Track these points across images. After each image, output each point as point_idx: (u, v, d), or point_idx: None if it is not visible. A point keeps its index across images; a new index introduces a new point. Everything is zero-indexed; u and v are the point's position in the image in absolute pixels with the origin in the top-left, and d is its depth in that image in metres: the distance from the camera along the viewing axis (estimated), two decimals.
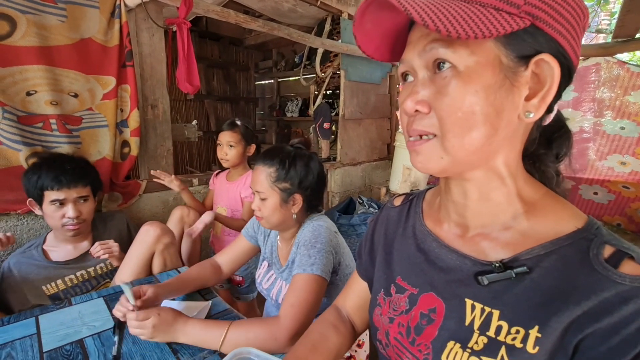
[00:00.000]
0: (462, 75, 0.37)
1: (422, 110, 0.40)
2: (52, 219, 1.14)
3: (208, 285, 1.07)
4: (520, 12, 0.35)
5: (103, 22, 1.37)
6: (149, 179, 1.63)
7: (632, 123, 1.92)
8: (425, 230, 0.52)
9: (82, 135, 1.39)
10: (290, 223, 0.98)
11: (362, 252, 0.66)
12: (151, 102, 1.61)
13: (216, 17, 1.73)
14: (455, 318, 0.44)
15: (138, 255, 1.11)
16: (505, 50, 0.37)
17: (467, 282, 0.44)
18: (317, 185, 0.98)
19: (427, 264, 0.50)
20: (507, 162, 0.42)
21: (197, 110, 4.18)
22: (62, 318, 0.88)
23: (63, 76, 1.31)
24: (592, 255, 0.37)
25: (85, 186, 1.18)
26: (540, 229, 0.41)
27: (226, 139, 1.53)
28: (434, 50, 0.38)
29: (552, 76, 0.37)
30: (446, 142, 0.39)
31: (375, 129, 2.99)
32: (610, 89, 1.98)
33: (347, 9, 2.50)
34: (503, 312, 0.40)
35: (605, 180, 2.05)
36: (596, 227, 0.39)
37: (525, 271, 0.39)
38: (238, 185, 1.59)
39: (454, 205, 0.48)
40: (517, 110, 0.38)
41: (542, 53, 0.36)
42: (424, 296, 0.48)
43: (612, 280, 0.35)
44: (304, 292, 0.83)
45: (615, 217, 2.08)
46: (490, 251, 0.44)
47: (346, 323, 0.68)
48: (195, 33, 3.82)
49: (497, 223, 0.44)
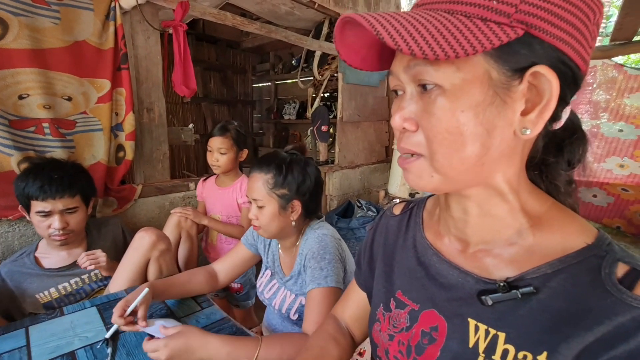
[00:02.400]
0: (448, 94, 0.34)
1: (409, 128, 0.38)
2: (39, 229, 1.11)
3: (202, 292, 1.04)
4: (511, 21, 0.31)
5: (97, 25, 1.35)
6: (145, 184, 1.60)
7: (630, 126, 1.93)
8: (425, 243, 0.50)
9: (75, 139, 1.36)
10: (289, 231, 0.96)
11: (362, 261, 0.64)
12: (147, 105, 1.59)
13: (213, 20, 1.72)
14: (458, 339, 0.41)
15: (133, 262, 1.09)
16: (496, 64, 0.33)
17: (469, 301, 0.41)
18: (315, 190, 0.96)
19: (428, 280, 0.47)
20: (506, 178, 0.39)
21: (194, 113, 4.15)
22: (53, 329, 0.85)
23: (56, 79, 1.28)
24: (604, 275, 0.34)
25: (74, 196, 1.13)
26: (547, 245, 0.38)
27: (217, 145, 1.46)
28: (418, 67, 0.36)
29: (550, 90, 0.33)
30: (434, 162, 0.37)
31: (374, 132, 2.98)
32: (606, 92, 1.99)
33: (345, 11, 2.49)
34: (509, 335, 0.37)
35: (604, 183, 2.05)
36: (607, 243, 0.36)
37: (532, 291, 0.37)
38: (233, 190, 1.56)
39: (453, 221, 0.45)
40: (512, 127, 0.35)
41: (537, 65, 0.32)
42: (425, 313, 0.46)
43: (627, 303, 0.32)
44: (324, 306, 0.83)
45: (614, 220, 2.07)
46: (494, 269, 0.41)
47: (345, 334, 0.66)
48: (192, 36, 3.81)
49: (500, 239, 0.41)
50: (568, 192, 0.44)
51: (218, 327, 0.91)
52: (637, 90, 1.87)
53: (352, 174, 2.82)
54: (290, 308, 0.96)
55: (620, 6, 1.43)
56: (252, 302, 1.67)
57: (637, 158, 1.93)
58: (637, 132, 1.91)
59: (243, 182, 1.56)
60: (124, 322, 0.77)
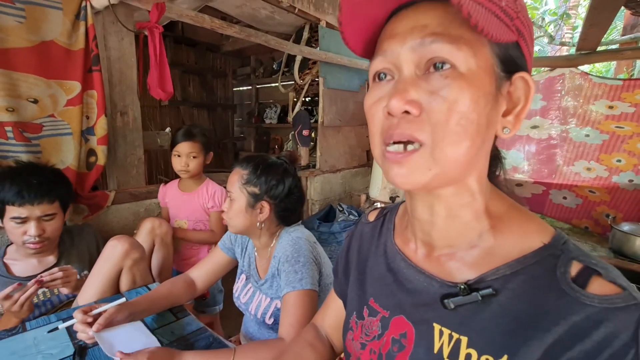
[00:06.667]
0: (465, 77, 0.33)
1: (412, 112, 0.34)
2: (13, 235, 1.05)
3: (180, 302, 1.00)
4: (512, 24, 0.33)
5: (67, 24, 1.29)
6: (118, 190, 1.54)
7: (596, 131, 2.03)
8: (394, 249, 0.50)
9: (42, 143, 1.29)
10: (254, 231, 0.95)
11: (338, 269, 0.63)
12: (120, 108, 1.54)
13: (191, 22, 1.68)
14: (424, 346, 0.41)
15: (104, 272, 1.04)
16: (497, 60, 0.35)
17: (434, 306, 0.41)
18: (288, 199, 0.95)
19: (397, 286, 0.47)
20: (478, 177, 0.40)
21: (173, 117, 4.05)
22: (14, 347, 0.79)
23: (21, 81, 1.22)
24: (559, 274, 0.34)
25: (52, 202, 1.08)
26: (505, 246, 0.39)
27: (186, 150, 1.47)
28: (435, 45, 0.33)
29: (527, 95, 0.36)
30: (438, 151, 0.34)
31: (355, 136, 3.00)
32: (574, 98, 2.09)
33: (325, 17, 2.51)
34: (472, 338, 0.37)
35: (573, 185, 2.14)
36: (563, 242, 0.37)
37: (492, 293, 0.37)
38: (199, 195, 1.54)
39: (419, 223, 0.44)
40: (498, 125, 0.37)
41: (523, 71, 0.36)
42: (394, 320, 0.45)
43: (580, 302, 0.32)
44: (300, 308, 0.82)
45: (583, 221, 2.17)
46: (457, 272, 0.41)
47: (324, 342, 0.65)
48: (170, 38, 3.73)
49: (463, 242, 0.41)
50: None
51: (194, 338, 0.87)
52: (601, 97, 1.97)
53: (333, 178, 2.83)
54: (265, 312, 0.95)
55: (585, 18, 1.51)
56: (220, 307, 1.63)
57: (602, 161, 2.04)
58: (602, 137, 2.01)
59: (209, 186, 1.56)
60: (82, 317, 0.75)
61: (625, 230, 1.72)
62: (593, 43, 1.80)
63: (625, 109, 1.90)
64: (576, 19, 5.82)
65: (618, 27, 5.02)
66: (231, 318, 1.50)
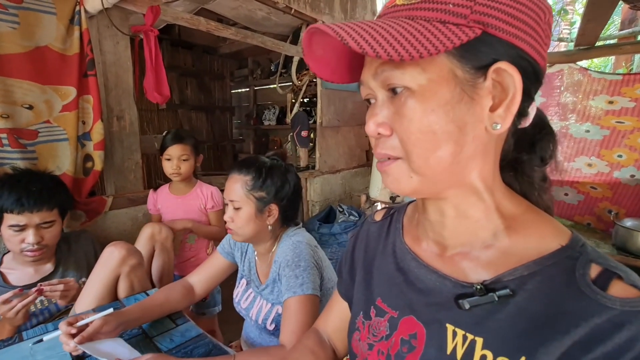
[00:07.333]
0: (417, 95, 0.36)
1: (384, 133, 0.39)
2: (10, 243, 1.04)
3: (178, 308, 0.99)
4: (468, 21, 0.33)
5: (61, 29, 1.28)
6: (116, 195, 1.53)
7: (596, 126, 2.02)
8: (404, 248, 0.49)
9: (38, 150, 1.28)
10: (264, 235, 0.94)
11: (343, 269, 0.62)
12: (117, 113, 1.53)
13: (186, 25, 1.67)
14: (436, 346, 0.40)
15: (101, 279, 1.02)
16: (460, 63, 0.35)
17: (447, 306, 0.41)
18: (293, 197, 0.95)
19: (407, 285, 0.46)
20: (482, 176, 0.39)
21: (171, 120, 4.04)
22: (9, 357, 0.78)
23: (15, 87, 1.21)
24: (578, 276, 0.34)
25: (51, 210, 1.07)
26: (522, 246, 0.38)
27: (178, 152, 1.48)
28: (385, 73, 0.37)
29: (514, 84, 0.35)
30: (412, 163, 0.38)
31: (354, 136, 2.99)
32: (573, 94, 2.07)
33: (322, 17, 2.50)
34: (487, 339, 0.37)
35: (575, 182, 2.13)
36: (581, 244, 0.37)
37: (509, 294, 0.36)
38: (193, 197, 1.55)
39: (430, 224, 0.45)
40: (483, 123, 0.36)
41: (499, 61, 0.34)
42: (404, 320, 0.45)
43: (601, 304, 0.32)
44: (301, 314, 0.81)
45: (585, 217, 2.15)
46: (471, 272, 0.41)
47: (326, 348, 0.63)
48: (167, 41, 3.72)
49: (476, 241, 0.41)
50: (543, 188, 0.45)
51: (194, 345, 0.86)
52: (600, 92, 1.96)
53: (333, 179, 2.82)
54: (266, 318, 0.94)
55: (583, 13, 1.50)
56: (219, 308, 1.62)
57: (603, 157, 2.02)
58: (602, 132, 2.00)
59: (202, 188, 1.57)
60: (65, 329, 0.73)
61: (629, 226, 1.71)
62: (591, 38, 1.80)
63: (626, 104, 1.88)
64: (574, 15, 5.82)
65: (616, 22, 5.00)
66: (231, 323, 1.49)
